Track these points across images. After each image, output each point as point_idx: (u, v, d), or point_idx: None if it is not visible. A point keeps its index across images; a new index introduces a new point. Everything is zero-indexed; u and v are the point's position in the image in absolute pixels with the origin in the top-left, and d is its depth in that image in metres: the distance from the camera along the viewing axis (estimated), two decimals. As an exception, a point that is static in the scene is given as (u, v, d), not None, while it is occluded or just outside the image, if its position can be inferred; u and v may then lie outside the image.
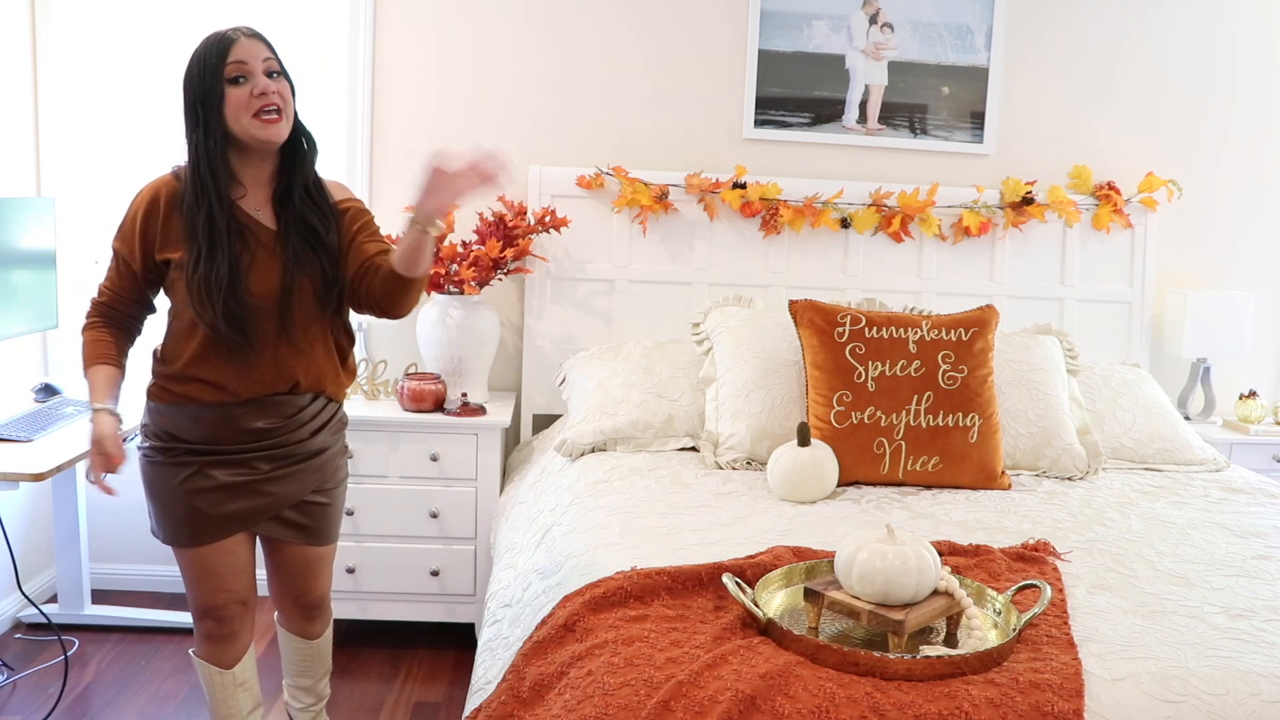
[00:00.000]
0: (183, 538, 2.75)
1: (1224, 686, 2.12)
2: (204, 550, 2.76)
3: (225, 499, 2.73)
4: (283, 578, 3.01)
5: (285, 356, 2.73)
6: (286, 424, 2.77)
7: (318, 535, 2.94)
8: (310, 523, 2.90)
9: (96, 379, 2.68)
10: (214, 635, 2.87)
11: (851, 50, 4.58)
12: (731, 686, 1.99)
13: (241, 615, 2.88)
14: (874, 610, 2.21)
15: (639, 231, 4.51)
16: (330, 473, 2.92)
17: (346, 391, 2.97)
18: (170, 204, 2.65)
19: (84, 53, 4.40)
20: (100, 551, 4.64)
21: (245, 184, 2.69)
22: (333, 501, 2.95)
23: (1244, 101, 4.83)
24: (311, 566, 2.99)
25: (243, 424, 2.72)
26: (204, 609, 2.83)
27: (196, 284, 2.59)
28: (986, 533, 3.08)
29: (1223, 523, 3.25)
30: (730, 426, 3.75)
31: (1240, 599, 2.59)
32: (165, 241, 2.65)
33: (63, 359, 4.48)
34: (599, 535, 2.91)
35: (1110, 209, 4.63)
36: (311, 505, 2.89)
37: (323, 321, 2.79)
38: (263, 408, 2.73)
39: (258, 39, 2.64)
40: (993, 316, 3.80)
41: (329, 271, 2.73)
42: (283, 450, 2.78)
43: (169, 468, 2.71)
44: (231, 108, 2.58)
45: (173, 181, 2.67)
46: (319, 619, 3.13)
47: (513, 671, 2.24)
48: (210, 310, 2.59)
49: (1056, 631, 2.31)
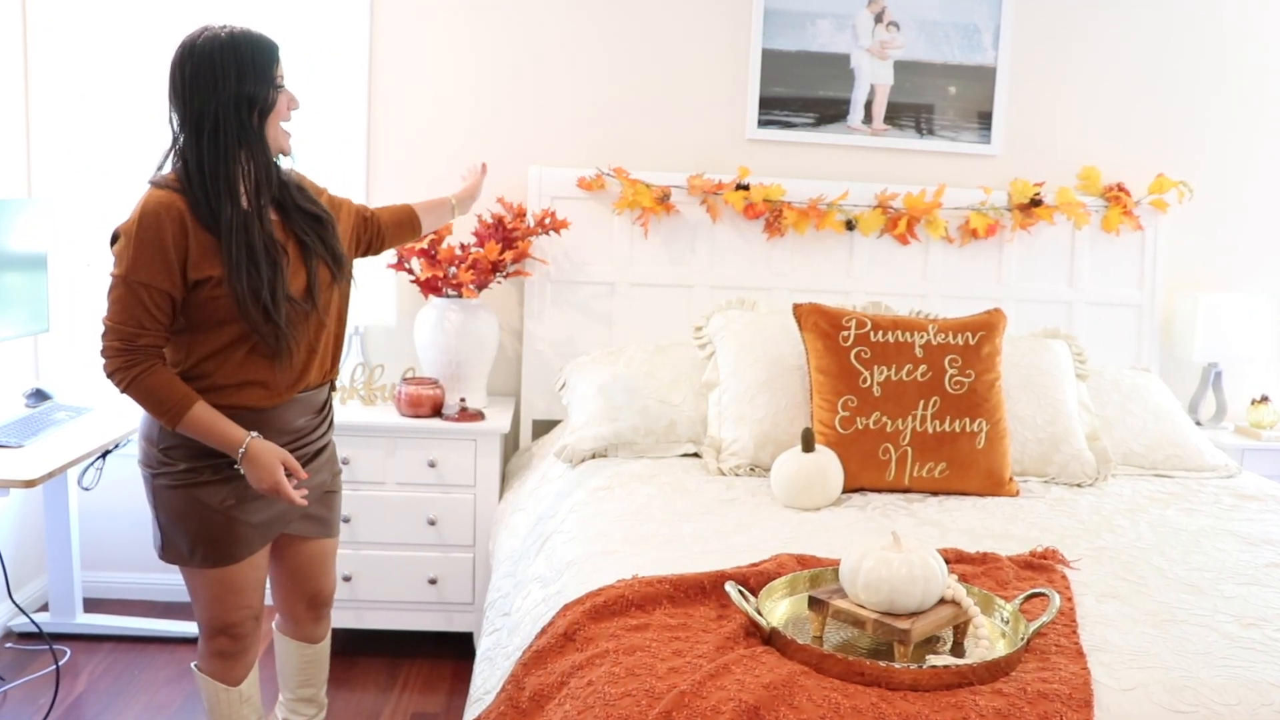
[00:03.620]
0: (219, 557, 2.68)
1: (1235, 696, 2.11)
2: (234, 569, 2.70)
3: (264, 506, 2.72)
4: (297, 578, 3.00)
5: (314, 349, 2.76)
6: (316, 419, 2.85)
7: (332, 525, 3.00)
8: (327, 513, 2.96)
9: (211, 416, 2.56)
10: (227, 652, 2.81)
11: (856, 49, 4.55)
12: (735, 697, 1.97)
13: (255, 630, 2.84)
14: (879, 619, 2.19)
15: (640, 233, 4.47)
16: (335, 459, 2.99)
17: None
18: (191, 221, 2.51)
19: (76, 53, 4.37)
20: (92, 559, 4.59)
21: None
22: (337, 489, 3.01)
23: (1256, 102, 4.80)
24: (324, 561, 3.02)
25: (285, 424, 2.73)
26: (220, 626, 2.77)
27: (252, 295, 2.53)
28: (994, 540, 3.06)
29: (1234, 530, 3.23)
30: (733, 432, 3.73)
31: (1252, 607, 2.57)
32: (200, 260, 2.51)
33: (54, 363, 4.45)
34: (600, 543, 2.90)
35: (1120, 211, 4.59)
36: (327, 495, 2.95)
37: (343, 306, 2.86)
38: (300, 405, 2.77)
39: None
40: (1000, 320, 3.78)
41: (336, 252, 2.78)
42: (310, 447, 2.83)
43: (210, 487, 2.64)
44: (278, 114, 2.61)
45: (176, 198, 2.51)
46: (325, 619, 3.14)
47: (512, 681, 2.25)
48: (263, 318, 2.55)
49: (1065, 641, 2.30)
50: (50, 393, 4.09)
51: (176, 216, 2.49)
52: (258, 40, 2.56)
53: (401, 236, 3.27)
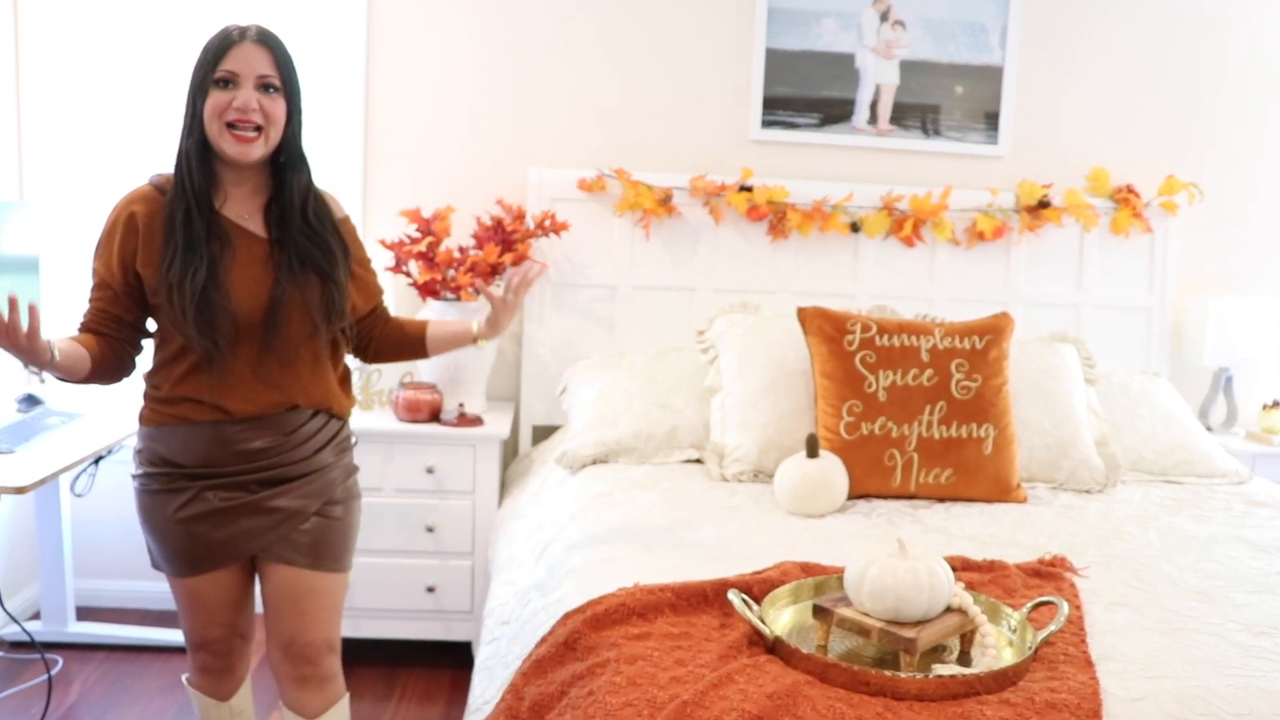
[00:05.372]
0: (180, 567, 2.62)
1: (1246, 706, 2.09)
2: (196, 581, 2.62)
3: (223, 522, 2.56)
4: (271, 614, 2.67)
5: (273, 374, 2.57)
6: (284, 442, 2.60)
7: (321, 558, 2.64)
8: (311, 541, 2.63)
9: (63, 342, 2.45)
10: (210, 668, 2.76)
11: (861, 49, 4.52)
12: (738, 707, 1.96)
13: (239, 649, 2.77)
14: (885, 628, 2.18)
15: (642, 236, 4.44)
16: (333, 487, 2.68)
17: (350, 410, 2.80)
18: (151, 215, 2.50)
19: (68, 56, 4.35)
20: (85, 567, 4.56)
21: (228, 189, 2.56)
22: (339, 518, 2.68)
23: (1266, 101, 4.78)
24: (303, 599, 2.63)
25: (240, 444, 2.56)
26: (198, 642, 2.72)
27: (169, 285, 2.45)
28: (1001, 547, 3.05)
29: (1245, 537, 3.22)
30: (736, 438, 3.71)
31: (1264, 616, 2.55)
32: (147, 256, 2.50)
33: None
34: (600, 550, 2.88)
35: (1129, 213, 4.56)
36: (318, 520, 2.64)
37: (317, 342, 2.63)
38: (261, 426, 2.58)
39: (264, 47, 2.50)
40: (1008, 324, 3.76)
41: (332, 298, 2.60)
42: (279, 471, 2.60)
43: (164, 495, 2.57)
44: (209, 111, 2.46)
45: (152, 192, 2.54)
46: (316, 684, 2.69)
47: (511, 691, 2.26)
48: (180, 314, 2.45)
49: (1074, 650, 2.29)
50: (42, 398, 4.07)
51: (134, 208, 2.52)
52: (217, 33, 2.49)
53: (398, 353, 2.94)
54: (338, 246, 2.63)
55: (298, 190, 2.59)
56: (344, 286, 2.62)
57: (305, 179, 2.61)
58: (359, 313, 2.81)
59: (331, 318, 2.60)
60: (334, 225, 2.65)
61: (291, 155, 2.59)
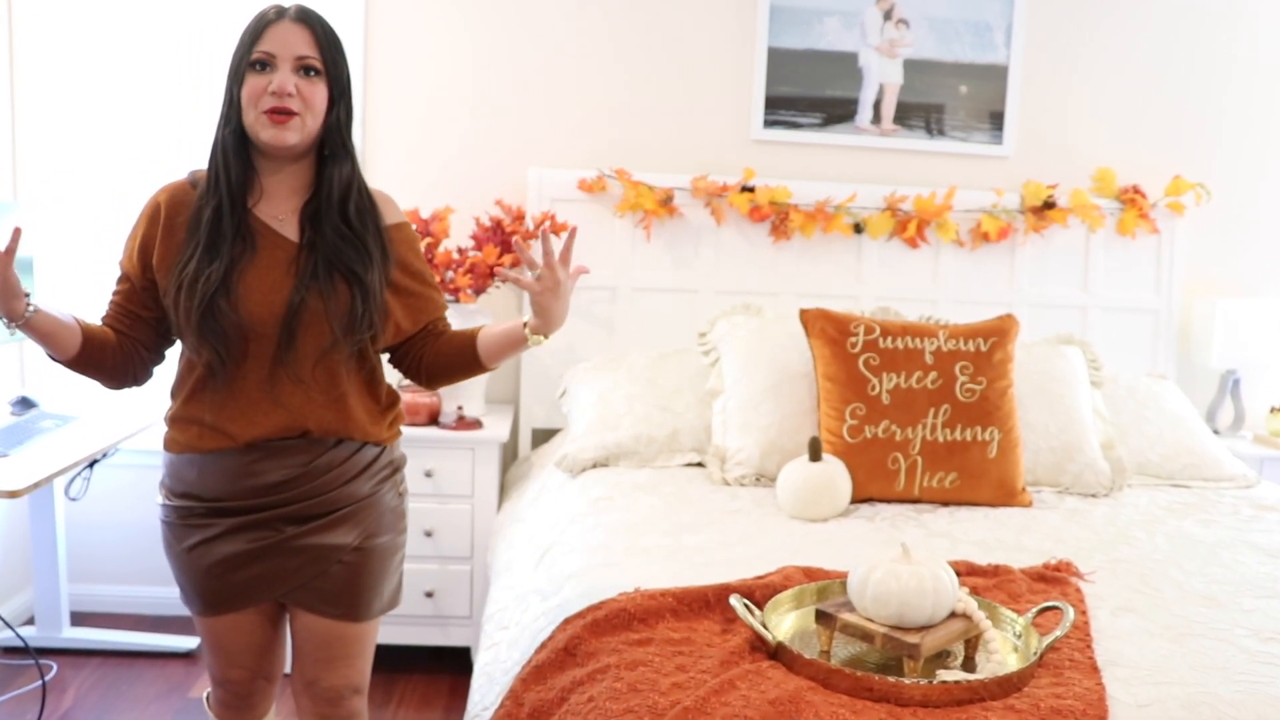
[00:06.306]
0: (199, 606, 2.44)
1: (1254, 713, 2.08)
2: (215, 622, 2.45)
3: (244, 563, 2.38)
4: (298, 656, 2.53)
5: (286, 394, 2.35)
6: (305, 473, 2.39)
7: (349, 604, 2.46)
8: (343, 583, 2.44)
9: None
10: (228, 703, 2.61)
11: (865, 48, 4.51)
12: (740, 713, 1.96)
13: (263, 689, 2.60)
14: (888, 633, 2.16)
15: (642, 237, 4.42)
16: (372, 521, 2.47)
17: (389, 431, 2.53)
18: (175, 208, 2.36)
19: (62, 56, 4.34)
20: (79, 572, 4.54)
21: (265, 187, 2.38)
22: (369, 561, 2.46)
23: (1274, 101, 4.76)
24: (330, 646, 2.49)
25: (255, 477, 2.36)
26: (218, 679, 2.57)
27: (179, 284, 2.29)
28: (1006, 552, 3.04)
29: (1253, 542, 3.21)
30: (738, 441, 3.70)
31: (1271, 621, 2.55)
32: (164, 251, 2.34)
33: (40, 370, 4.40)
34: (601, 555, 2.87)
35: (1135, 213, 4.55)
36: (353, 556, 2.44)
37: (345, 359, 2.40)
38: (274, 455, 2.37)
39: (304, 25, 2.32)
40: (1012, 326, 3.75)
41: (357, 307, 2.36)
42: (304, 506, 2.39)
43: (181, 529, 2.41)
44: (246, 97, 2.29)
45: (184, 185, 2.39)
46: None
47: (510, 698, 2.25)
48: (185, 317, 2.30)
49: (1079, 655, 2.28)
50: (36, 400, 4.06)
51: (160, 199, 2.38)
52: (257, 14, 2.35)
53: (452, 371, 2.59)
54: (377, 250, 2.41)
55: (337, 184, 2.38)
56: (375, 295, 2.38)
57: (348, 173, 2.40)
58: (404, 333, 2.53)
59: (352, 329, 2.36)
60: (378, 227, 2.43)
61: (334, 147, 2.39)
